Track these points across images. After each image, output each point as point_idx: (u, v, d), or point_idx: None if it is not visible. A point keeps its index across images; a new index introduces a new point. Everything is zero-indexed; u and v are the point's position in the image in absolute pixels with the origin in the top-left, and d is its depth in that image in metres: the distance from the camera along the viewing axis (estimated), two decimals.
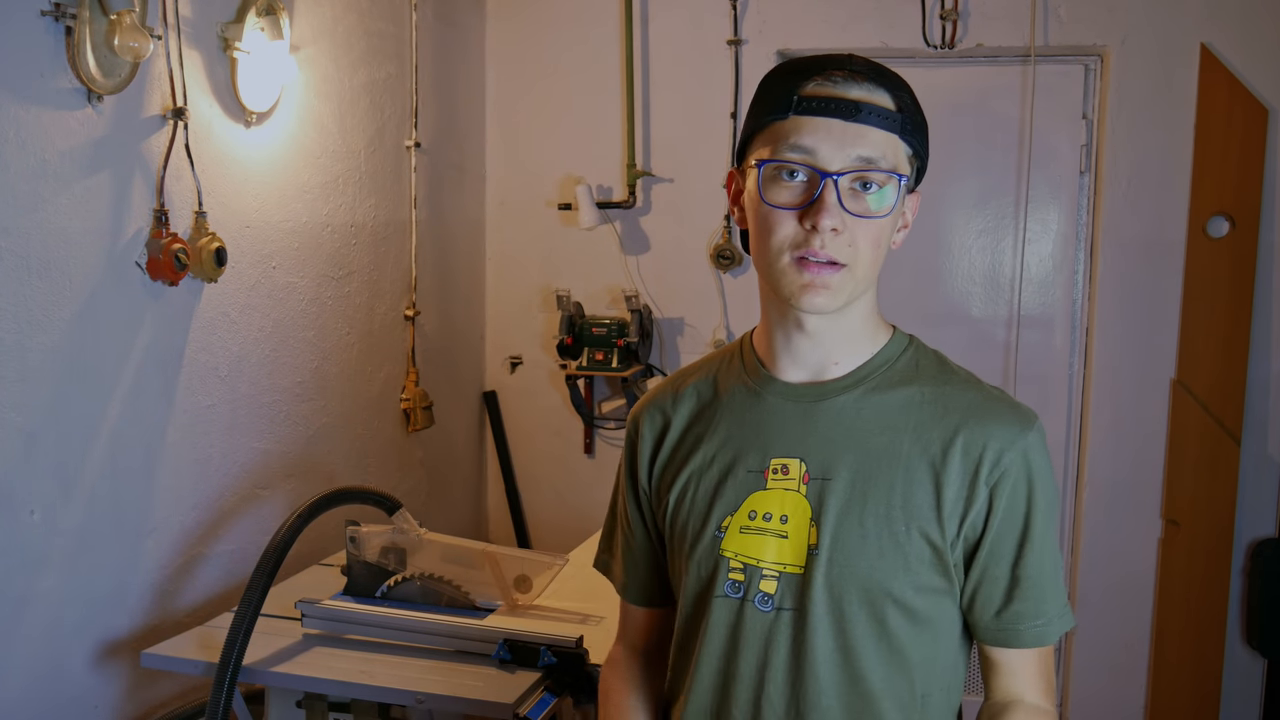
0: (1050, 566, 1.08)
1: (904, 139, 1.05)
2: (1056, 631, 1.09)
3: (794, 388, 1.12)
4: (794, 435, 1.10)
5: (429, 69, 3.11)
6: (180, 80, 2.10)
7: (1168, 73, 3.00)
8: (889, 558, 1.05)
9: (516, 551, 2.20)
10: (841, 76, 1.03)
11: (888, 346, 1.13)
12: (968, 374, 1.14)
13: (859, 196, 1.03)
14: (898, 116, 1.04)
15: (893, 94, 1.04)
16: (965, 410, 1.08)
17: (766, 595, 1.09)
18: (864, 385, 1.11)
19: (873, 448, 1.08)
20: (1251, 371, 3.03)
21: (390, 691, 1.70)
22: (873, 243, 1.04)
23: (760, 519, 1.10)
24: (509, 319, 3.57)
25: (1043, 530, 1.07)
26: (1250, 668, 3.14)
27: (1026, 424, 1.08)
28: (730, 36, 3.25)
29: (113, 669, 2.04)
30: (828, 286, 1.04)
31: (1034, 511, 1.06)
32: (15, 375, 1.80)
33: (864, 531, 1.06)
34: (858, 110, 1.02)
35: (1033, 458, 1.07)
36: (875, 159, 1.02)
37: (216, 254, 2.16)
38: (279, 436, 2.51)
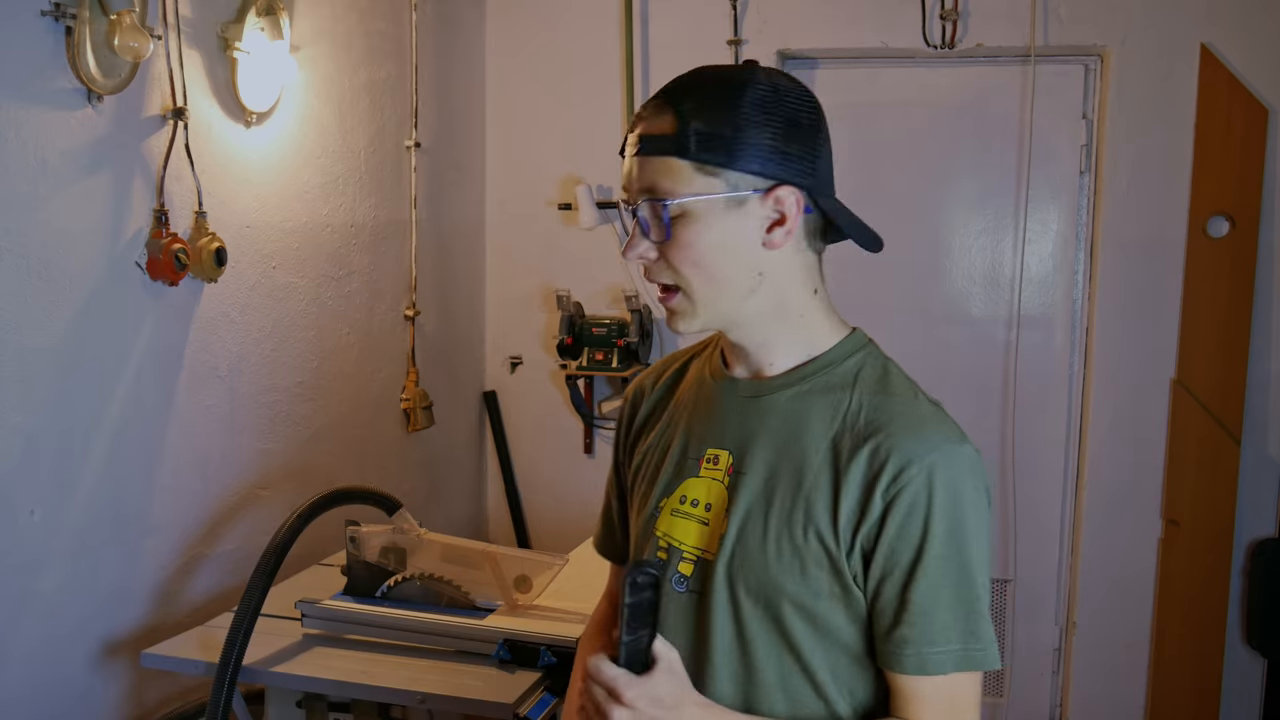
0: (948, 597, 1.02)
1: (685, 157, 1.05)
2: (945, 664, 1.02)
3: (737, 383, 1.16)
4: (728, 427, 1.14)
5: (429, 69, 3.11)
6: (180, 80, 2.10)
7: (1168, 73, 3.00)
8: (785, 558, 1.06)
9: (516, 551, 2.20)
10: (645, 112, 1.09)
11: (831, 351, 1.13)
12: (909, 388, 1.11)
13: (658, 224, 1.07)
14: (671, 139, 1.05)
15: (677, 113, 1.05)
16: (883, 421, 1.06)
17: (682, 576, 1.13)
18: (797, 387, 1.12)
19: (790, 448, 1.09)
20: (1251, 371, 3.03)
21: (390, 691, 1.70)
22: (688, 263, 1.07)
23: (689, 504, 1.14)
24: (509, 319, 3.57)
25: (941, 556, 1.02)
26: (1250, 668, 3.14)
27: (944, 442, 1.04)
28: (730, 37, 3.25)
29: (113, 669, 2.04)
30: (675, 311, 1.11)
31: (930, 535, 1.02)
32: (15, 375, 1.80)
33: (766, 528, 1.08)
34: (639, 145, 1.07)
35: (939, 477, 1.02)
36: (653, 186, 1.06)
37: (216, 254, 2.16)
38: (279, 436, 2.51)
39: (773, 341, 1.13)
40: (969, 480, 1.04)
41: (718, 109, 1.05)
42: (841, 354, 1.13)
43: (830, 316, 1.15)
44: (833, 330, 1.15)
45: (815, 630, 1.07)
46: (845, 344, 1.14)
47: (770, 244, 1.08)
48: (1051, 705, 3.36)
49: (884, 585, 1.04)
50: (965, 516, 1.03)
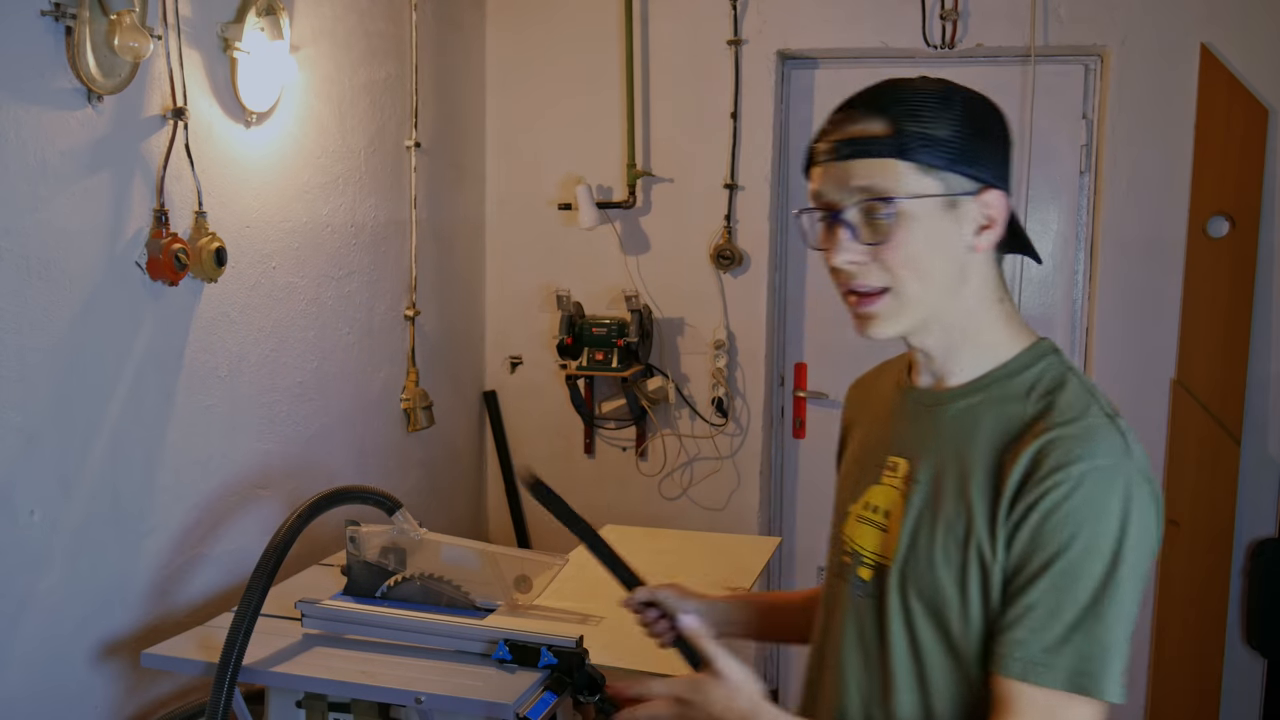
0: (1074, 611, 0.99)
1: (905, 159, 1.06)
2: (1053, 679, 1.00)
3: (921, 392, 1.18)
4: (909, 437, 1.17)
5: (429, 69, 3.11)
6: (180, 80, 2.10)
7: (1168, 73, 3.00)
8: (952, 567, 1.07)
9: (516, 551, 2.21)
10: (841, 118, 1.10)
11: (1014, 360, 1.13)
12: (1083, 399, 1.08)
13: (874, 225, 1.07)
14: (889, 141, 1.06)
15: (890, 117, 1.07)
16: (1049, 430, 1.04)
17: (861, 580, 1.17)
18: (975, 396, 1.13)
19: (957, 457, 1.10)
20: (1251, 371, 3.03)
21: (390, 691, 1.70)
22: (904, 263, 1.07)
23: (870, 510, 1.18)
24: (509, 319, 3.57)
25: (1073, 568, 0.99)
26: (1250, 668, 3.14)
27: (1102, 456, 1.01)
28: (730, 37, 3.25)
29: (113, 669, 2.04)
30: (878, 315, 1.10)
31: (1067, 545, 0.99)
32: (15, 375, 1.80)
33: (934, 538, 1.09)
34: (849, 146, 1.08)
35: (1087, 489, 0.99)
36: (870, 187, 1.07)
37: (216, 254, 2.16)
38: (279, 436, 2.51)
39: (959, 348, 1.14)
40: (1120, 500, 1.00)
41: (931, 112, 1.08)
42: (1021, 364, 1.12)
43: (1015, 326, 1.15)
44: (1016, 340, 1.15)
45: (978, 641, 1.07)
46: (1026, 354, 1.13)
47: (976, 247, 1.10)
48: None
49: (1010, 583, 1.03)
50: (1108, 535, 1.00)
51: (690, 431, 3.44)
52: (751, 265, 3.33)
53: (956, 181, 1.08)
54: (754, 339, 3.36)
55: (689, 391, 3.44)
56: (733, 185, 3.30)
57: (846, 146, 1.08)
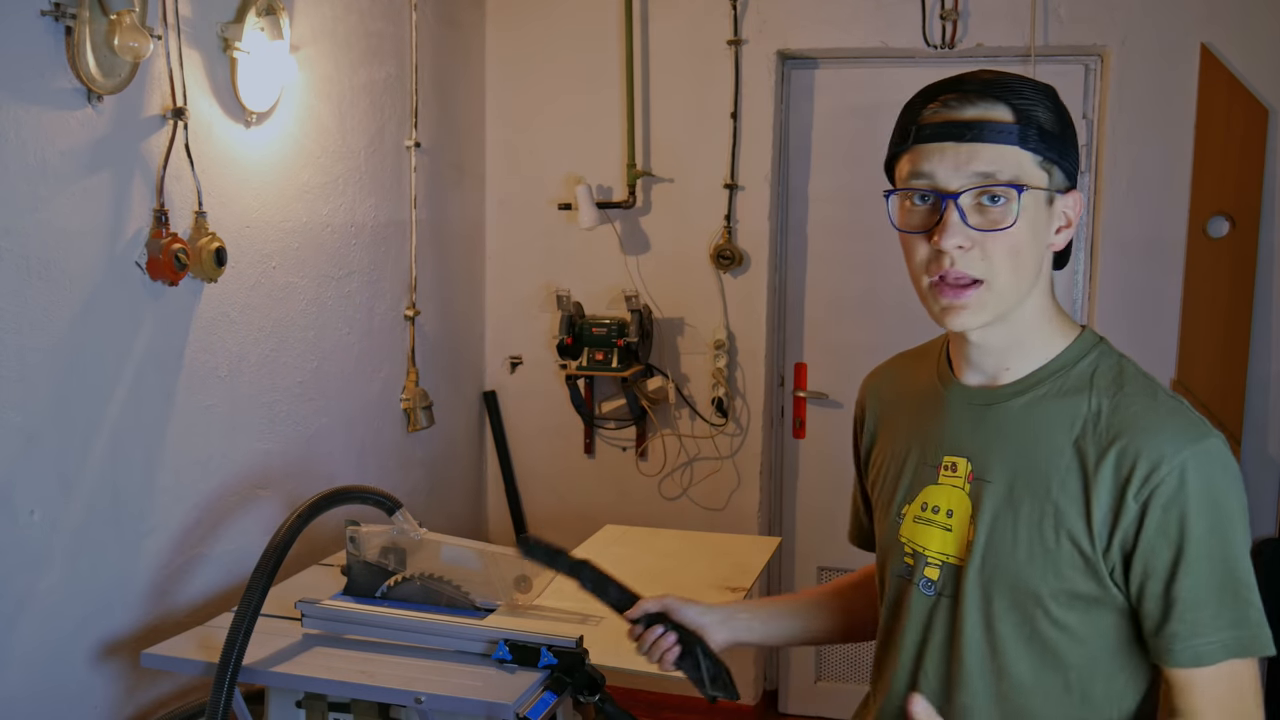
0: (1213, 589, 1.04)
1: (1028, 148, 1.06)
2: (1217, 654, 1.04)
3: (970, 391, 1.18)
4: (965, 435, 1.17)
5: (429, 69, 3.11)
6: (180, 80, 2.10)
7: (1168, 73, 3.00)
8: (1038, 561, 1.09)
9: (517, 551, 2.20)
10: (956, 99, 1.08)
11: (1065, 352, 1.15)
12: (1146, 384, 1.12)
13: (984, 210, 1.07)
14: (1014, 128, 1.06)
15: (1011, 106, 1.07)
16: (1127, 421, 1.07)
17: (930, 581, 1.17)
18: (1033, 392, 1.14)
19: (1033, 454, 1.11)
20: (1251, 371, 3.03)
21: (390, 691, 1.70)
22: (1008, 253, 1.07)
23: (930, 511, 1.18)
24: (509, 319, 3.57)
25: (1203, 551, 1.04)
26: None
27: (1190, 439, 1.05)
28: (730, 36, 3.25)
29: (113, 669, 2.04)
30: (966, 306, 1.09)
31: (1189, 531, 1.03)
32: (15, 375, 1.80)
33: (1016, 534, 1.10)
34: (970, 129, 1.06)
35: (1192, 475, 1.04)
36: (993, 173, 1.06)
37: (216, 254, 2.16)
38: (279, 436, 2.51)
39: (1021, 343, 1.14)
40: (1220, 472, 1.05)
41: (1045, 107, 1.08)
42: (1074, 356, 1.14)
43: (1064, 320, 1.17)
44: (1065, 333, 1.16)
45: (1069, 629, 1.10)
46: (1077, 346, 1.15)
47: (1053, 245, 1.12)
48: None
49: (1148, 584, 1.06)
50: (1221, 508, 1.05)
51: (690, 431, 3.44)
52: (751, 265, 3.33)
53: (1059, 178, 1.09)
54: (754, 339, 3.36)
55: (689, 391, 3.44)
56: (733, 185, 3.30)
57: (969, 129, 1.06)
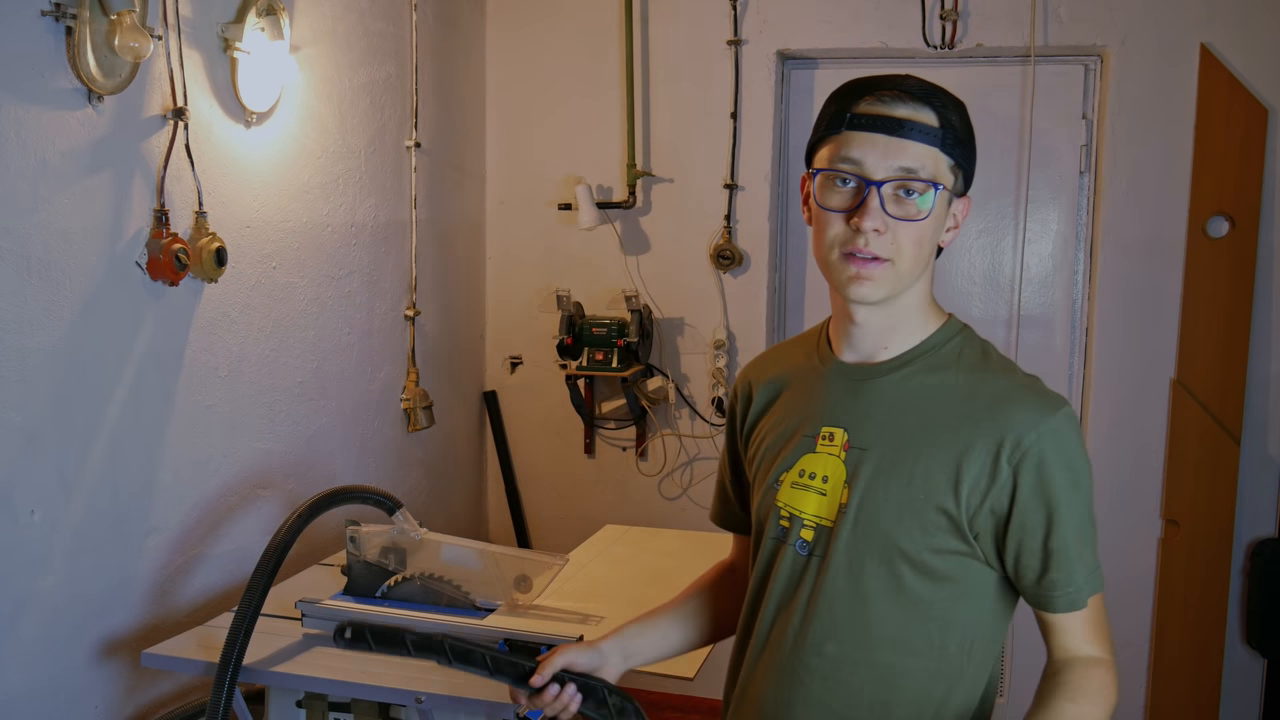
0: (1078, 539, 1.19)
1: (945, 152, 1.19)
2: (1086, 596, 1.21)
3: (848, 368, 1.30)
4: (842, 408, 1.28)
5: (429, 69, 3.11)
6: (180, 80, 2.10)
7: (1168, 73, 3.00)
8: (905, 521, 1.20)
9: (516, 551, 2.20)
10: (891, 96, 1.19)
11: (935, 334, 1.27)
12: (1005, 364, 1.26)
13: (901, 201, 1.18)
14: (939, 132, 1.18)
15: (938, 112, 1.19)
16: (992, 397, 1.21)
17: (805, 542, 1.27)
18: (907, 368, 1.26)
19: (905, 425, 1.23)
20: (1251, 371, 3.03)
21: (390, 691, 1.70)
22: (915, 242, 1.20)
23: (807, 477, 1.28)
24: (509, 319, 3.57)
25: (1068, 506, 1.18)
26: (1250, 668, 3.14)
27: (1050, 410, 1.19)
28: (730, 36, 3.25)
29: (113, 669, 2.04)
30: (871, 278, 1.20)
31: (1057, 490, 1.17)
32: (15, 375, 1.80)
33: (886, 496, 1.21)
34: (901, 126, 1.18)
35: (1051, 441, 1.17)
36: (916, 169, 1.18)
37: (216, 254, 2.16)
38: (279, 436, 2.51)
39: (900, 324, 1.26)
40: (1074, 437, 1.20)
41: (962, 118, 1.23)
42: (943, 338, 1.27)
43: (935, 307, 1.30)
44: (936, 318, 1.29)
45: (933, 583, 1.22)
46: (945, 330, 1.28)
47: (943, 241, 1.25)
48: None
49: (1027, 541, 1.20)
50: (1075, 469, 1.19)
51: (690, 431, 3.44)
52: (751, 265, 3.33)
53: (960, 183, 1.23)
54: (754, 339, 3.36)
55: (689, 391, 3.44)
56: (733, 185, 3.30)
57: (900, 126, 1.17)
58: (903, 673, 1.23)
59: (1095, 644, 1.24)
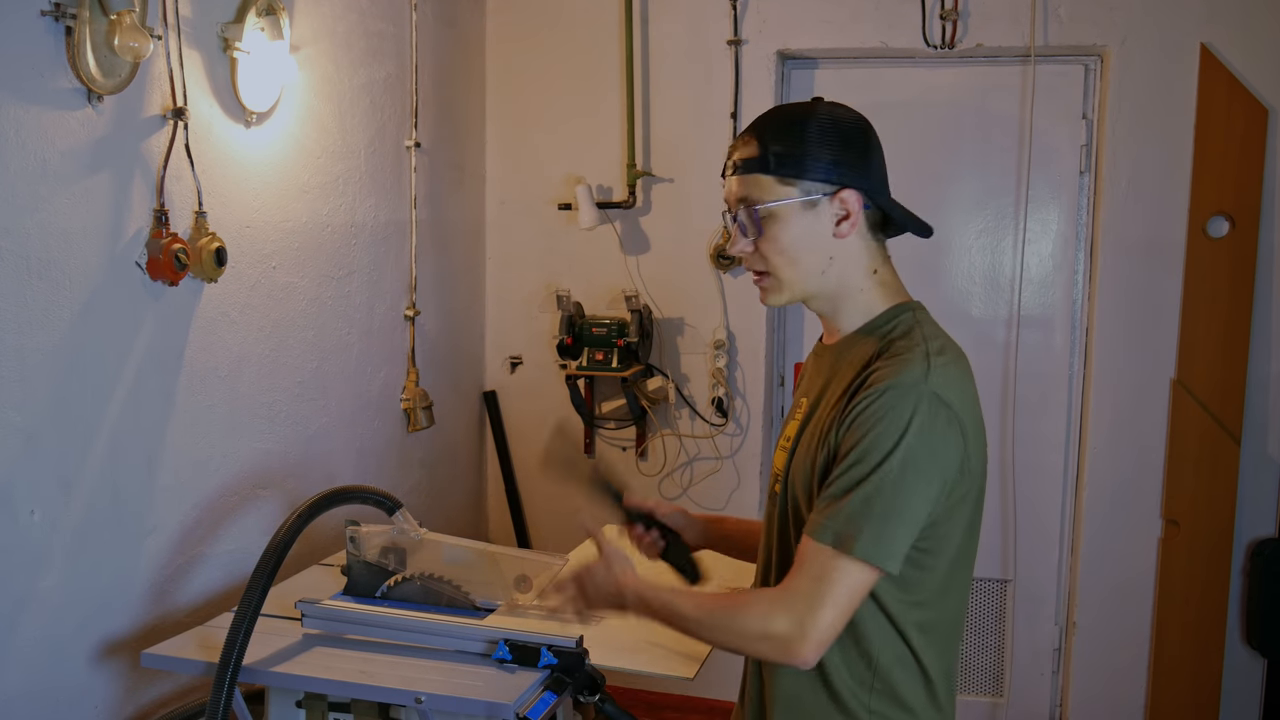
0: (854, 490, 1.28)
1: (767, 172, 1.37)
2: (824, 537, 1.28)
3: (824, 347, 1.50)
4: (810, 381, 1.50)
5: (429, 69, 3.11)
6: (180, 80, 2.10)
7: (1168, 73, 3.00)
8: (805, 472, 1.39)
9: (516, 551, 2.21)
10: (733, 145, 1.42)
11: (879, 316, 1.42)
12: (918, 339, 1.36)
13: (753, 225, 1.39)
14: (756, 160, 1.37)
15: (760, 140, 1.38)
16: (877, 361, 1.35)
17: (775, 492, 1.49)
18: (845, 346, 1.43)
19: (831, 387, 1.41)
20: (1251, 371, 3.03)
21: (390, 691, 1.70)
22: (775, 252, 1.39)
23: (783, 440, 1.49)
24: (509, 319, 3.57)
25: (863, 457, 1.28)
26: (1250, 668, 3.14)
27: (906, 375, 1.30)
28: (730, 36, 3.25)
29: (113, 669, 2.04)
30: (765, 289, 1.43)
31: (863, 440, 1.29)
32: (15, 375, 1.80)
33: (807, 447, 1.40)
34: (731, 168, 1.41)
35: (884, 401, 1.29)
36: (745, 196, 1.39)
37: (216, 254, 2.16)
38: (279, 436, 2.51)
39: (840, 310, 1.43)
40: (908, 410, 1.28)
41: (789, 135, 1.37)
42: (886, 319, 1.42)
43: (887, 291, 1.43)
44: (884, 301, 1.43)
45: None
46: (892, 310, 1.42)
47: (839, 234, 1.38)
48: (1051, 705, 3.36)
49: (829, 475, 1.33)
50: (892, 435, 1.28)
51: (690, 431, 3.44)
52: None
53: (811, 186, 1.36)
54: (754, 339, 3.37)
55: (689, 391, 3.44)
56: None
57: (732, 166, 1.41)
58: None
59: (790, 584, 1.31)
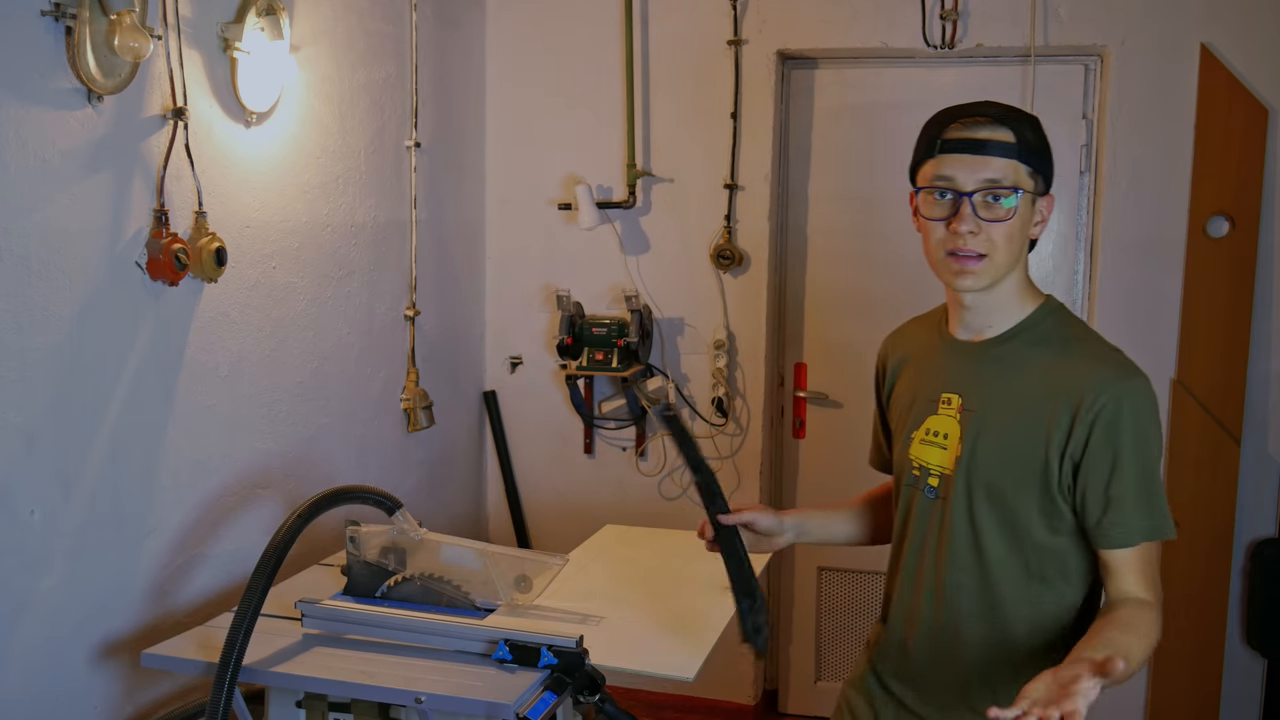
0: (1135, 488, 1.41)
1: (1022, 162, 1.46)
2: (1138, 537, 1.42)
3: (962, 344, 1.58)
4: (957, 377, 1.56)
5: (429, 69, 3.11)
6: (180, 80, 2.10)
7: (1168, 73, 3.00)
8: (1010, 468, 1.48)
9: (516, 551, 2.20)
10: (972, 123, 1.47)
11: (1033, 314, 1.53)
12: (1093, 337, 1.53)
13: (990, 206, 1.45)
14: (1015, 146, 1.45)
15: (1014, 130, 1.46)
16: (1079, 363, 1.47)
17: (932, 488, 1.56)
18: (1009, 343, 1.53)
19: (1008, 389, 1.50)
20: (1251, 371, 3.03)
21: (390, 691, 1.70)
22: (1005, 237, 1.46)
23: (931, 435, 1.57)
24: (509, 319, 3.57)
25: (1130, 459, 1.41)
26: (1250, 668, 3.14)
27: (1123, 377, 1.44)
28: (730, 36, 3.25)
29: (113, 669, 2.04)
30: (973, 273, 1.47)
31: (1122, 445, 1.41)
32: (15, 375, 1.80)
33: (991, 449, 1.49)
34: (983, 146, 1.45)
35: (1125, 402, 1.41)
36: (998, 179, 1.45)
37: (216, 254, 2.16)
38: (279, 436, 2.51)
39: (1002, 306, 1.53)
40: (1144, 401, 1.43)
41: (1036, 131, 1.49)
42: (1040, 317, 1.54)
43: (1033, 290, 1.55)
44: (1035, 300, 1.55)
45: (1030, 521, 1.48)
46: (1042, 309, 1.54)
47: (1033, 234, 1.51)
48: None
49: (1091, 484, 1.43)
50: (1145, 428, 1.43)
51: (690, 431, 3.44)
52: (751, 265, 3.33)
53: (1040, 184, 1.49)
54: (754, 339, 3.37)
55: (689, 391, 3.44)
56: (733, 185, 3.30)
57: (983, 146, 1.45)
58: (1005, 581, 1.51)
59: (1145, 588, 1.43)
